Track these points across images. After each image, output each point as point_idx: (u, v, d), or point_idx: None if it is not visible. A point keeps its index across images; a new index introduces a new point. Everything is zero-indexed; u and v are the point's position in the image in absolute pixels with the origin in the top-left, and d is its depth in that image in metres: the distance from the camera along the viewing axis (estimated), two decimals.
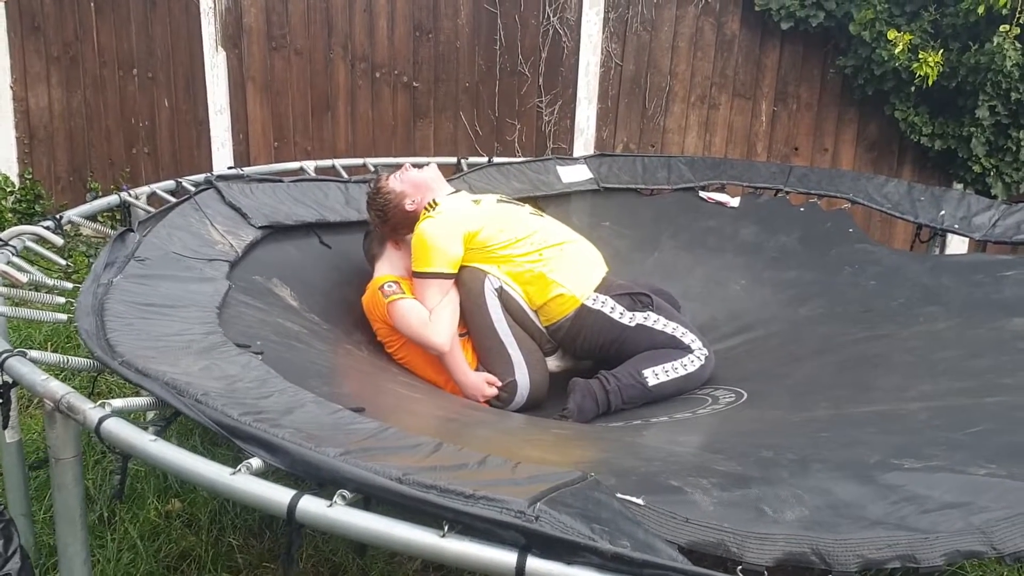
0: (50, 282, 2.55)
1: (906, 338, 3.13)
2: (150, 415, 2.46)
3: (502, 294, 3.20)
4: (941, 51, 5.11)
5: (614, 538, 1.35)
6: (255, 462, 1.53)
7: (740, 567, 1.46)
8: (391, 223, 3.36)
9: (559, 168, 4.57)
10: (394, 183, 3.35)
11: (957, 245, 5.25)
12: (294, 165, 4.42)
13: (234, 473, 1.48)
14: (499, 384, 3.14)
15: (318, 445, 1.54)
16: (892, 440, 2.18)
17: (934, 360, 2.85)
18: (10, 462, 2.45)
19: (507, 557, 1.29)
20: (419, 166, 3.45)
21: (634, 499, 1.56)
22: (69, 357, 2.00)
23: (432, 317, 3.10)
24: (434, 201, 3.30)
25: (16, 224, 4.41)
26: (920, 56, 5.06)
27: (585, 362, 3.34)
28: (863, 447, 2.11)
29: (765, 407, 2.76)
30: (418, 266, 3.18)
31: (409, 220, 3.32)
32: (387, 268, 3.35)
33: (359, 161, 4.57)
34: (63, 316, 2.33)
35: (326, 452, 1.51)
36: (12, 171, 6.60)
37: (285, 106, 6.29)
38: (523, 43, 5.96)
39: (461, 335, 3.22)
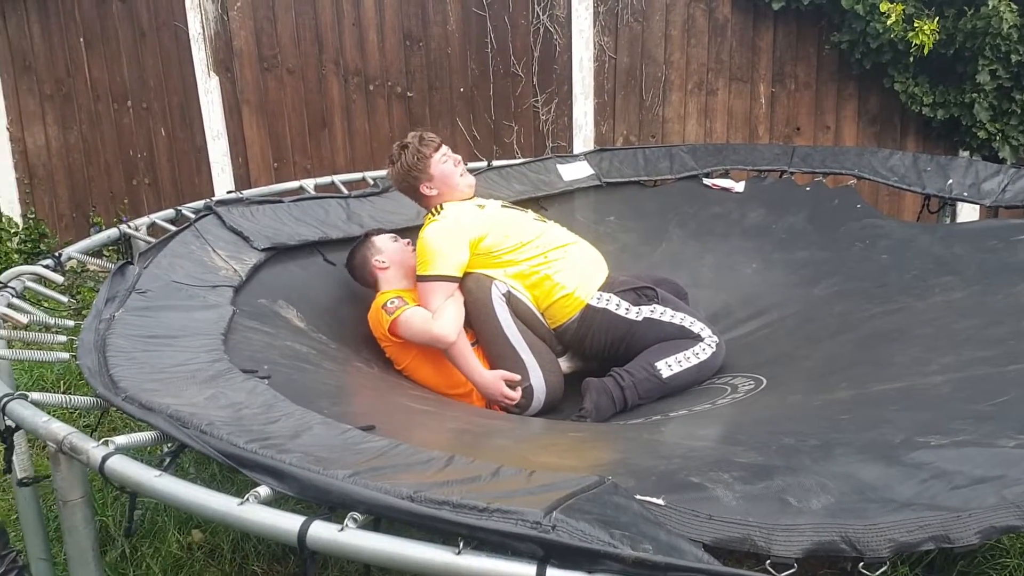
0: (52, 321, 2.53)
1: (923, 310, 3.08)
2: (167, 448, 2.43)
3: (510, 299, 3.17)
4: (936, 19, 5.05)
5: (635, 542, 1.30)
6: (263, 490, 1.50)
7: (768, 561, 1.42)
8: (401, 183, 3.41)
9: (560, 166, 4.54)
10: (436, 162, 3.33)
11: (968, 213, 5.20)
12: (293, 184, 4.39)
13: (241, 503, 1.44)
14: (515, 379, 3.10)
15: (326, 468, 1.50)
16: (916, 417, 2.13)
17: (953, 331, 2.80)
18: (24, 505, 2.42)
19: (526, 570, 1.25)
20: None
21: (654, 500, 1.52)
22: (72, 396, 1.97)
23: (436, 313, 3.07)
24: (440, 206, 3.28)
25: (22, 265, 4.40)
26: (915, 25, 5.00)
27: (592, 363, 3.30)
28: (887, 427, 2.07)
29: (785, 392, 2.72)
30: (422, 269, 3.15)
31: (415, 194, 3.40)
32: (393, 283, 3.32)
33: (358, 175, 4.55)
34: (65, 355, 2.30)
35: (334, 475, 1.47)
36: (15, 212, 6.59)
37: (281, 126, 6.27)
38: (514, 44, 5.93)
39: (472, 344, 3.18)
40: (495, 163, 4.66)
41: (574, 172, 4.52)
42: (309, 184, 4.30)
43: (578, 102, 5.93)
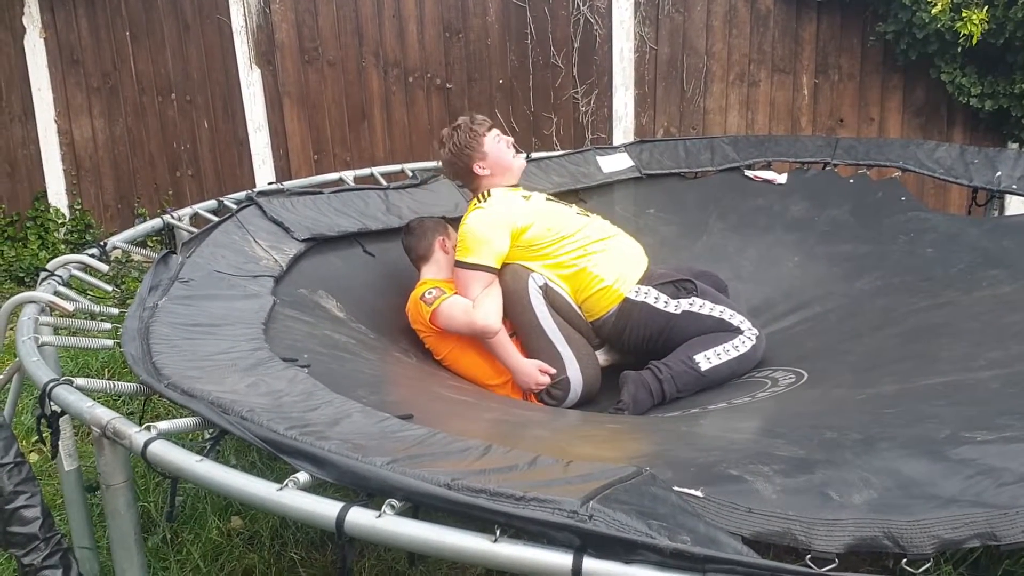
0: (97, 309, 2.56)
1: (970, 304, 3.02)
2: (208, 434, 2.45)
3: (547, 291, 3.16)
4: (985, 7, 4.95)
5: (673, 534, 1.29)
6: (302, 476, 1.51)
7: (809, 555, 1.40)
8: (454, 163, 3.38)
9: (599, 158, 4.51)
10: (490, 141, 3.31)
11: (1017, 206, 5.09)
12: (333, 176, 4.42)
13: (281, 489, 1.45)
14: (551, 371, 3.09)
15: (365, 455, 1.50)
16: (962, 412, 2.09)
17: (1002, 325, 2.74)
18: (69, 491, 2.45)
19: (562, 559, 1.25)
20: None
21: (693, 491, 1.51)
22: (116, 383, 1.99)
23: (475, 302, 3.07)
24: (487, 192, 3.26)
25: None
26: (963, 15, 4.90)
27: (630, 356, 3.27)
28: (932, 422, 2.03)
29: (827, 386, 2.68)
30: (462, 255, 3.15)
31: (467, 175, 3.37)
32: (433, 271, 3.32)
33: (397, 167, 4.56)
34: (109, 342, 2.33)
35: (373, 462, 1.48)
36: (62, 203, 6.70)
37: (322, 118, 6.31)
38: (554, 35, 5.91)
39: (509, 336, 3.18)
40: (534, 155, 4.63)
41: (614, 164, 4.49)
42: (348, 176, 4.32)
43: (618, 93, 5.90)
